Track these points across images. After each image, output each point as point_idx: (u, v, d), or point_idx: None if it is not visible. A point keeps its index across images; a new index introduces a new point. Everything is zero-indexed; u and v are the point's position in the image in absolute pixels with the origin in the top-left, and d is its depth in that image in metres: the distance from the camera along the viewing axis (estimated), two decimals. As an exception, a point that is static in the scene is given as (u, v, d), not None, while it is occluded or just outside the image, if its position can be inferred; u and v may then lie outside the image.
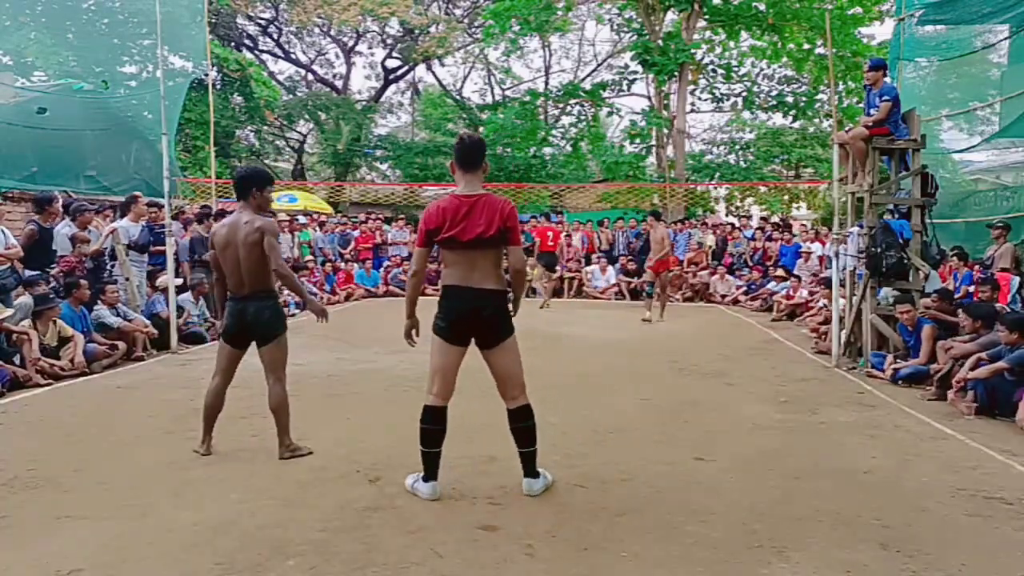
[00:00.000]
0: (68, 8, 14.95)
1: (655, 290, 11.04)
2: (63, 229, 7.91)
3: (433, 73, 29.05)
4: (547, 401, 5.63)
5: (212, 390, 4.32)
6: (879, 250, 6.99)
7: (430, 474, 3.55)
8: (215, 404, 4.30)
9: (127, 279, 8.23)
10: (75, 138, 11.72)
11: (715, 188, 21.94)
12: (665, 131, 20.43)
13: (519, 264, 3.52)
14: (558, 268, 14.69)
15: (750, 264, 14.20)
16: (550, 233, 14.82)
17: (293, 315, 11.11)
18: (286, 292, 11.61)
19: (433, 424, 3.54)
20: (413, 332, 3.63)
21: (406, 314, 3.59)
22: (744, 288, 13.59)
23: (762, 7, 19.05)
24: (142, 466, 4.00)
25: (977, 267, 8.61)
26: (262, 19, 26.44)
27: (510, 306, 3.55)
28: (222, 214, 11.37)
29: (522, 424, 3.54)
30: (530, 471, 3.60)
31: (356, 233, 15.48)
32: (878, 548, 3.03)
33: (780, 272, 12.74)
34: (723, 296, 13.74)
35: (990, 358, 5.46)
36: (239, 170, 4.49)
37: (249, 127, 25.19)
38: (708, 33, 21.39)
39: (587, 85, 24.02)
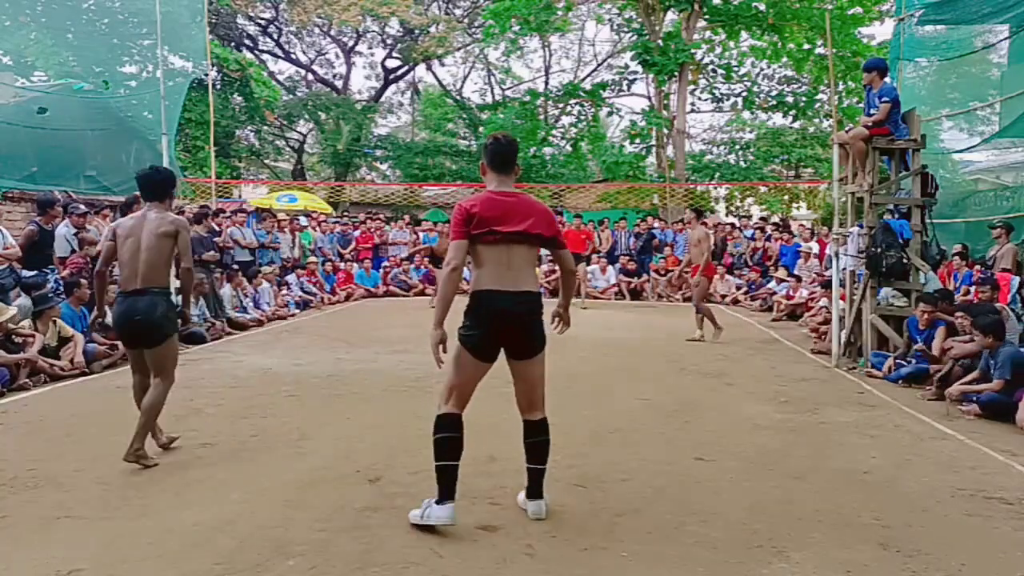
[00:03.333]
0: (68, 8, 14.94)
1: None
2: (63, 230, 7.92)
3: (433, 73, 29.10)
4: (548, 401, 5.63)
5: (135, 387, 4.22)
6: (879, 250, 6.99)
7: (447, 494, 3.13)
8: (140, 399, 4.13)
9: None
10: (75, 138, 11.72)
11: (715, 188, 21.95)
12: (665, 131, 20.43)
13: (572, 266, 3.42)
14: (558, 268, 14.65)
15: (750, 264, 14.20)
16: (583, 237, 13.88)
17: (293, 315, 11.12)
18: (291, 289, 11.63)
19: (451, 431, 3.17)
20: (441, 347, 3.12)
21: (435, 321, 3.09)
22: (744, 288, 13.59)
23: (762, 7, 19.06)
24: (142, 466, 4.00)
25: (978, 267, 8.61)
26: (262, 19, 26.45)
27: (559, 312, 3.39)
28: (221, 213, 11.40)
29: (540, 438, 3.31)
30: (537, 491, 3.30)
31: (356, 233, 15.48)
32: (878, 548, 3.03)
33: (780, 272, 12.75)
34: (723, 296, 13.74)
35: (981, 374, 5.49)
36: (158, 171, 4.30)
37: (249, 127, 25.20)
38: (708, 33, 21.41)
39: (587, 85, 24.03)
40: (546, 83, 27.94)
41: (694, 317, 9.12)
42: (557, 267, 3.47)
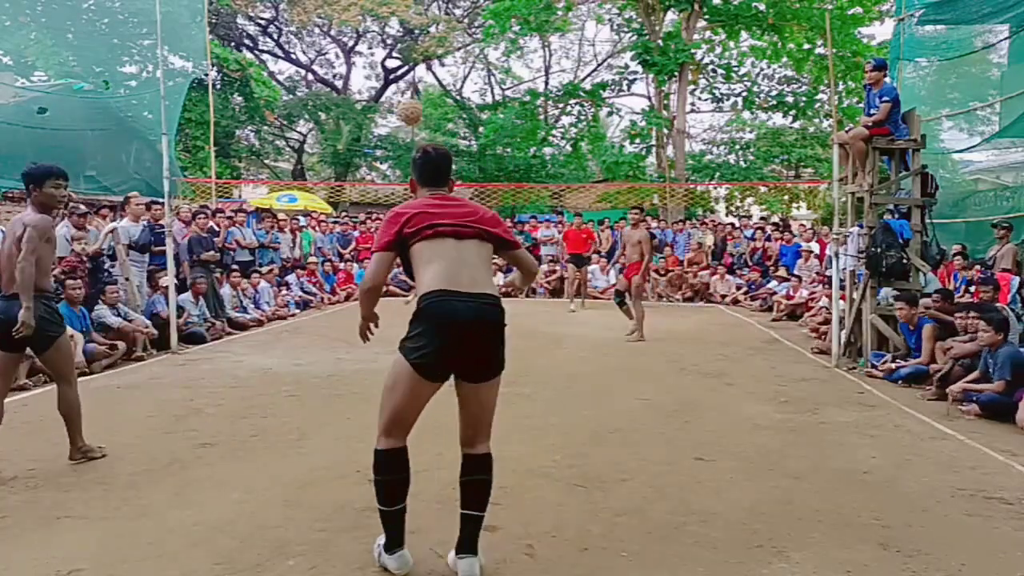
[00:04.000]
0: (68, 8, 14.95)
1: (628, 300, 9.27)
2: (62, 230, 7.91)
3: (433, 73, 29.10)
4: (547, 401, 5.64)
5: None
6: (879, 250, 6.99)
7: (396, 541, 2.71)
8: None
9: (127, 279, 8.23)
10: (75, 138, 11.74)
11: (715, 188, 21.96)
12: (665, 131, 20.44)
13: (534, 266, 3.02)
14: (557, 268, 14.68)
15: (750, 264, 14.21)
16: (584, 236, 13.44)
17: (293, 315, 11.12)
18: (291, 289, 11.63)
19: (393, 473, 2.69)
20: (371, 326, 2.96)
21: (362, 314, 2.94)
22: (744, 288, 13.59)
23: (762, 7, 19.07)
24: (142, 466, 4.00)
25: (977, 267, 8.62)
26: (262, 19, 26.45)
27: None
28: (220, 213, 11.40)
29: (481, 477, 2.73)
30: (471, 544, 2.71)
31: (356, 233, 15.48)
32: (878, 548, 3.03)
33: (781, 272, 12.75)
34: (723, 296, 13.75)
35: (982, 374, 5.50)
36: (25, 167, 4.12)
37: (249, 127, 25.21)
38: (708, 33, 21.41)
39: (587, 85, 24.04)
40: (546, 83, 27.96)
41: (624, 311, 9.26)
42: (515, 269, 3.03)
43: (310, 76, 28.91)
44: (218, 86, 20.23)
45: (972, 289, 8.07)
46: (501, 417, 4.37)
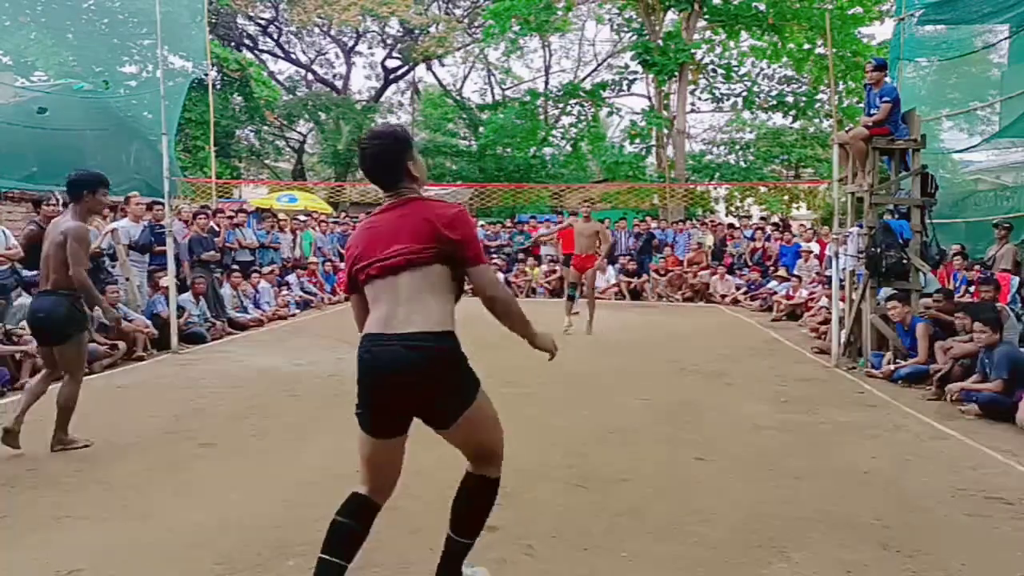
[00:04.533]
0: (68, 8, 14.94)
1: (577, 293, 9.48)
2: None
3: (433, 73, 29.10)
4: (547, 401, 5.63)
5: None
6: (879, 250, 6.99)
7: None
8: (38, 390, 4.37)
9: (127, 279, 8.23)
10: (75, 138, 11.72)
11: (715, 188, 21.96)
12: (665, 131, 20.44)
13: (492, 289, 2.31)
14: (557, 268, 14.66)
15: (750, 264, 14.21)
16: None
17: (294, 315, 11.12)
18: (292, 289, 11.63)
19: (347, 516, 2.38)
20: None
21: None
22: (744, 288, 13.59)
23: (762, 7, 19.07)
24: (142, 466, 4.00)
25: (977, 267, 8.62)
26: (262, 19, 26.45)
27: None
28: (220, 213, 11.40)
29: (473, 502, 2.47)
30: (449, 571, 2.47)
31: (356, 233, 15.47)
32: (878, 548, 3.03)
33: (781, 272, 12.75)
34: (723, 296, 13.75)
35: (982, 375, 5.49)
36: (71, 173, 4.51)
37: (249, 127, 25.20)
38: (708, 33, 21.42)
39: (587, 85, 24.04)
40: (546, 83, 27.95)
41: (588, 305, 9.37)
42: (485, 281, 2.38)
43: (310, 76, 28.91)
44: (218, 86, 20.22)
45: (972, 289, 8.07)
46: (501, 417, 4.35)
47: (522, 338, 2.49)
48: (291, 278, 12.30)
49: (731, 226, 16.21)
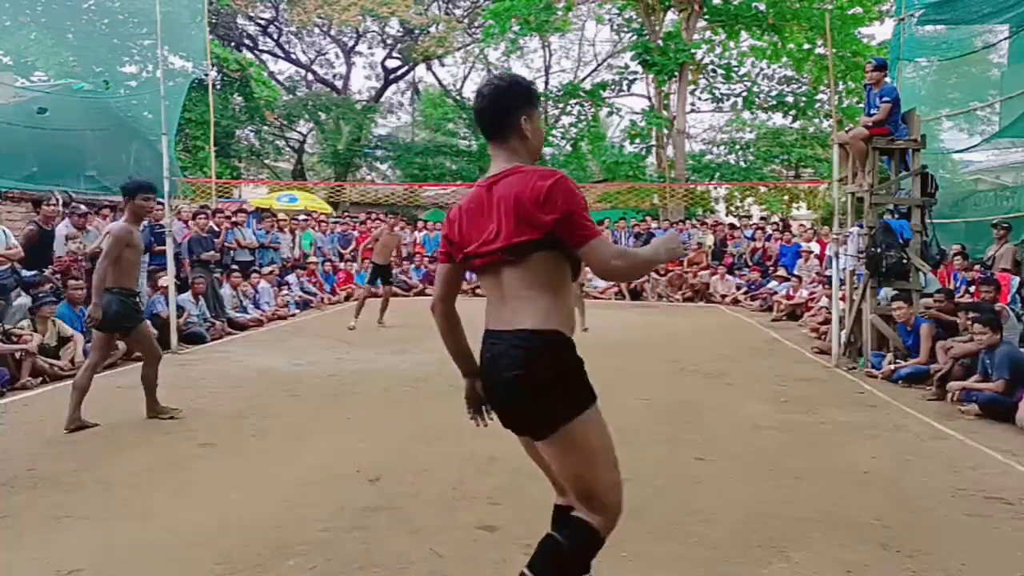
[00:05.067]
0: (68, 8, 14.94)
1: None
2: (63, 230, 7.92)
3: (433, 73, 29.11)
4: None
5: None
6: (879, 250, 6.99)
7: None
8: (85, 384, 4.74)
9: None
10: (75, 138, 11.72)
11: (715, 188, 21.96)
12: (665, 131, 20.44)
13: (611, 263, 1.93)
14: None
15: (750, 264, 14.21)
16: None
17: (294, 315, 11.12)
18: (292, 289, 11.63)
19: (552, 525, 2.20)
20: (472, 402, 2.35)
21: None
22: (744, 288, 13.60)
23: (762, 7, 19.07)
24: (142, 466, 4.00)
25: (977, 267, 8.62)
26: (262, 19, 26.45)
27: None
28: (220, 213, 11.41)
29: (556, 547, 2.05)
30: None
31: (356, 233, 15.49)
32: (878, 548, 3.03)
33: (781, 272, 12.76)
34: (723, 296, 13.75)
35: (983, 376, 5.49)
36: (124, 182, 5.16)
37: (249, 127, 25.21)
38: (708, 33, 21.41)
39: (587, 85, 24.04)
40: (546, 83, 27.94)
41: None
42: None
43: (310, 76, 28.91)
44: (218, 86, 20.23)
45: (972, 289, 8.07)
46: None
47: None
48: (291, 278, 12.30)
49: (731, 226, 16.22)
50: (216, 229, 10.51)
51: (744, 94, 21.69)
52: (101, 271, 4.59)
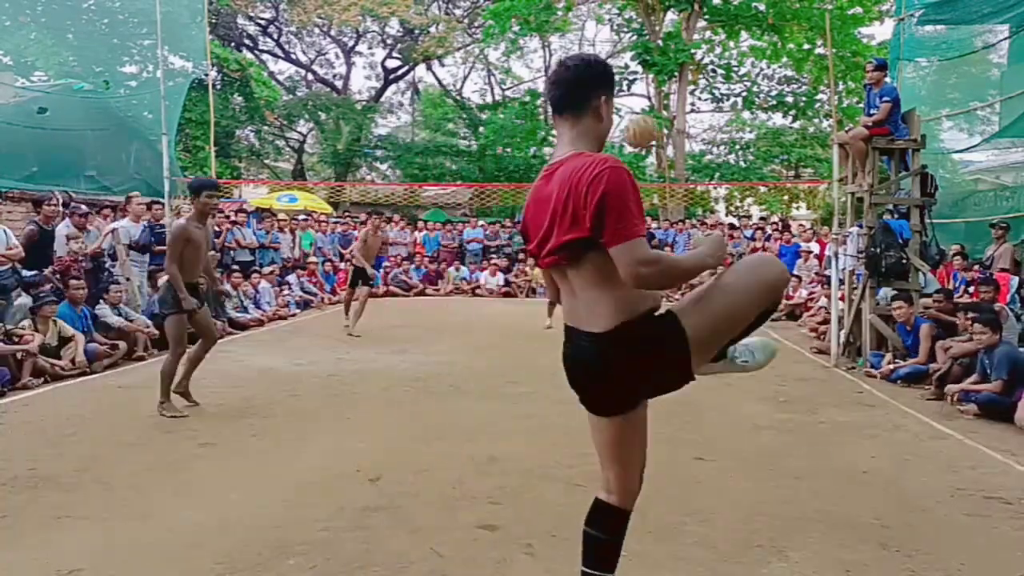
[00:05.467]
0: (68, 8, 14.94)
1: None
2: (63, 230, 7.93)
3: (433, 73, 29.10)
4: (548, 400, 5.64)
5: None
6: (878, 250, 6.99)
7: None
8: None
9: (128, 279, 8.23)
10: (75, 138, 11.72)
11: (715, 188, 21.96)
12: (665, 131, 20.45)
13: (630, 270, 1.81)
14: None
15: (750, 264, 14.18)
16: None
17: (294, 315, 11.13)
18: (292, 289, 11.64)
19: (591, 526, 2.22)
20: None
21: None
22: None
23: (762, 7, 19.08)
24: (142, 466, 4.00)
25: (977, 267, 8.62)
26: (262, 19, 26.45)
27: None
28: (220, 213, 11.43)
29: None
30: None
31: (356, 233, 15.48)
32: (878, 548, 3.03)
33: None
34: (723, 296, 13.73)
35: (982, 376, 5.50)
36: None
37: (249, 127, 25.20)
38: (708, 33, 21.42)
39: (587, 85, 23.98)
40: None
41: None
42: None
43: (310, 76, 28.91)
44: (218, 86, 20.23)
45: (972, 289, 8.08)
46: (501, 416, 4.36)
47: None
48: (291, 278, 12.31)
49: (731, 226, 16.21)
50: (216, 229, 10.51)
51: (744, 94, 21.71)
52: (171, 270, 4.99)
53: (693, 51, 19.84)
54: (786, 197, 21.59)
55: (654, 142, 15.81)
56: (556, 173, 1.94)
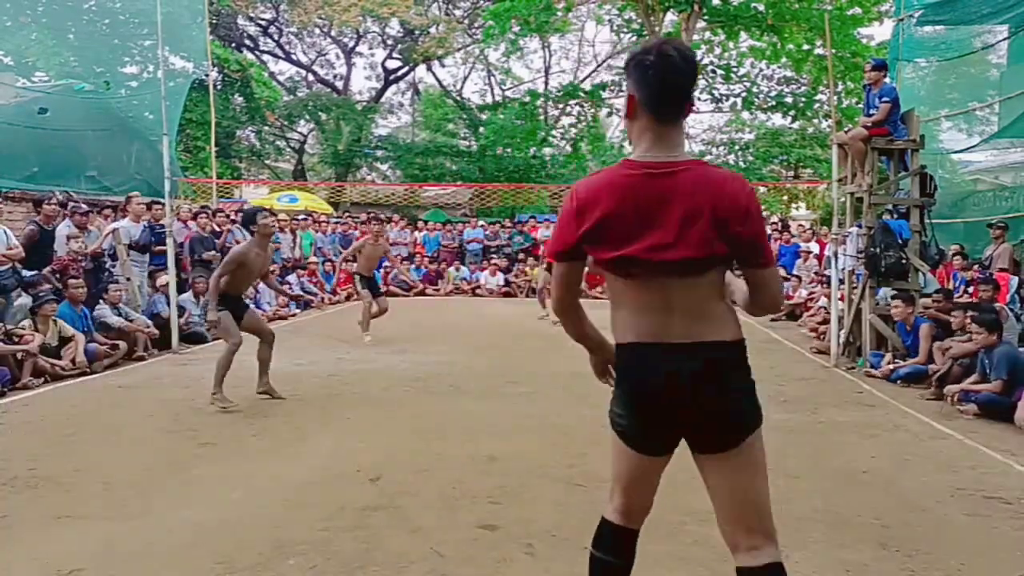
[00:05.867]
0: (69, 8, 14.96)
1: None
2: (64, 230, 7.93)
3: (433, 74, 29.13)
4: (547, 401, 5.64)
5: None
6: (878, 250, 7.00)
7: None
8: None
9: (128, 279, 8.24)
10: (76, 138, 11.73)
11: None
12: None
13: (777, 297, 1.90)
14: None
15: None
16: None
17: (294, 315, 11.14)
18: (292, 289, 11.66)
19: (602, 550, 2.13)
20: (605, 366, 2.10)
21: (587, 346, 2.10)
22: (744, 288, 13.58)
23: (761, 8, 19.08)
24: (142, 466, 4.01)
25: (976, 267, 8.63)
26: (263, 20, 26.48)
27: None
28: (220, 213, 11.44)
29: None
30: None
31: (357, 233, 15.50)
32: (877, 548, 3.04)
33: (780, 272, 12.76)
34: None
35: (982, 376, 5.50)
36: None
37: (250, 127, 25.23)
38: (707, 34, 21.44)
39: (587, 86, 24.05)
40: (546, 84, 27.96)
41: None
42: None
43: (310, 77, 28.93)
44: (219, 87, 20.23)
45: (971, 289, 8.08)
46: (501, 416, 4.37)
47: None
48: (291, 278, 12.31)
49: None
50: (217, 229, 10.52)
51: (743, 94, 21.72)
52: (215, 282, 5.29)
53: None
54: (785, 197, 21.62)
55: None
56: (681, 177, 1.73)
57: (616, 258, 1.77)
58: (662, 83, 1.75)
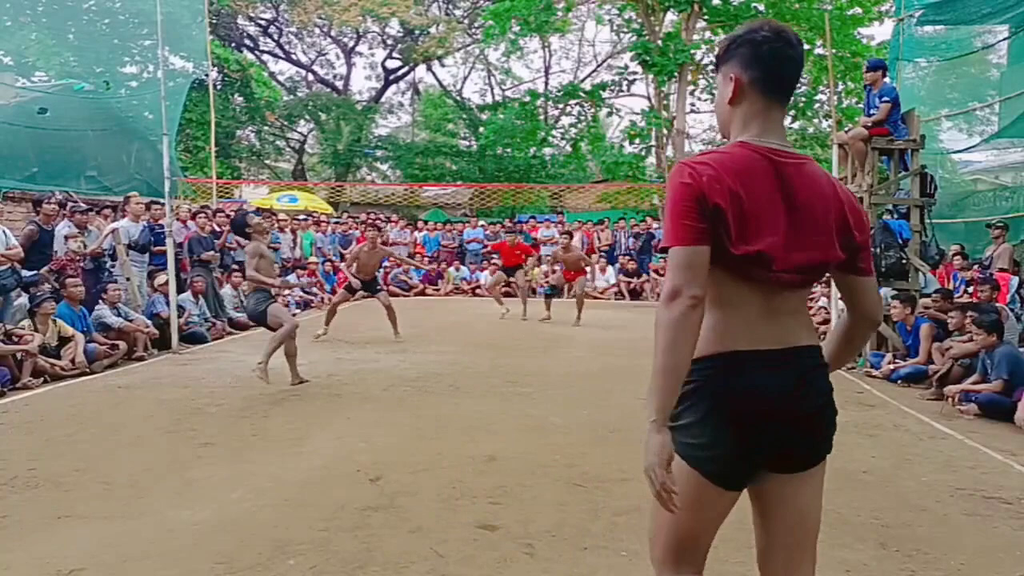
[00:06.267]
0: (69, 8, 14.97)
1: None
2: (63, 230, 7.93)
3: (433, 73, 29.12)
4: (547, 401, 5.64)
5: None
6: (878, 250, 7.00)
7: None
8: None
9: (127, 279, 8.24)
10: (76, 138, 11.74)
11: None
12: (665, 131, 20.45)
13: (878, 307, 1.75)
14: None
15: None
16: (518, 251, 11.62)
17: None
18: (294, 292, 11.68)
19: None
20: (666, 462, 1.54)
21: (656, 405, 1.53)
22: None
23: (762, 7, 19.07)
24: (142, 466, 4.01)
25: (976, 267, 8.64)
26: (262, 20, 26.47)
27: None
28: (220, 213, 11.44)
29: None
30: None
31: (357, 233, 15.51)
32: (877, 547, 3.04)
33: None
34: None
35: (982, 376, 5.50)
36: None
37: (250, 127, 25.23)
38: (708, 33, 21.41)
39: (587, 85, 24.03)
40: (546, 83, 27.96)
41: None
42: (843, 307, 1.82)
43: (310, 77, 28.93)
44: (219, 87, 20.24)
45: (971, 289, 8.09)
46: (501, 416, 4.37)
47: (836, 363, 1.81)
48: (291, 278, 12.31)
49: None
50: (217, 229, 10.52)
51: (744, 94, 21.67)
52: (251, 274, 5.99)
53: (693, 51, 19.83)
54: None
55: None
56: (796, 172, 1.57)
57: (748, 255, 1.51)
58: (780, 58, 1.58)
